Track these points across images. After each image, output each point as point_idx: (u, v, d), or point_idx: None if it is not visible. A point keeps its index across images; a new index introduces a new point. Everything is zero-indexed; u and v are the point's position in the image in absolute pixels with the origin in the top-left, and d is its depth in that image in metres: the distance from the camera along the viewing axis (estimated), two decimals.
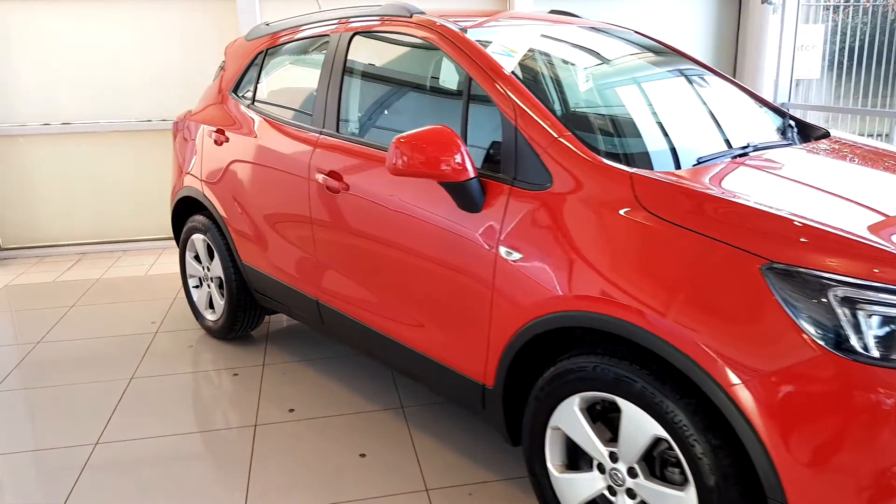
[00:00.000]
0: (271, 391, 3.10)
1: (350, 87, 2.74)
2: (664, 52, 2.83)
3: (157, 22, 5.30)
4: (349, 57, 2.75)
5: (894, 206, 1.81)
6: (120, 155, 5.47)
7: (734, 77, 6.15)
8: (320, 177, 2.67)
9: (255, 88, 3.27)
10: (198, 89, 5.39)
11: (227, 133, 3.28)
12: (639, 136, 2.25)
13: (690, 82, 2.69)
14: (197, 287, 3.80)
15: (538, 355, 2.06)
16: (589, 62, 2.61)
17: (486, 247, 2.05)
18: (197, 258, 3.72)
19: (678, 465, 1.76)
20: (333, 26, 2.88)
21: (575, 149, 1.94)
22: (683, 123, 2.38)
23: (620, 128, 2.25)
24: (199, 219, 3.56)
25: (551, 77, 2.39)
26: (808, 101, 6.30)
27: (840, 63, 6.72)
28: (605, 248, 1.79)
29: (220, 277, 3.51)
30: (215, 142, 3.35)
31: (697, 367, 1.60)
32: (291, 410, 2.92)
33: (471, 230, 2.10)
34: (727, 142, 2.31)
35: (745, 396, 1.54)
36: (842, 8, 6.73)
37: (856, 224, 1.64)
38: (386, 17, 2.64)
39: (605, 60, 2.65)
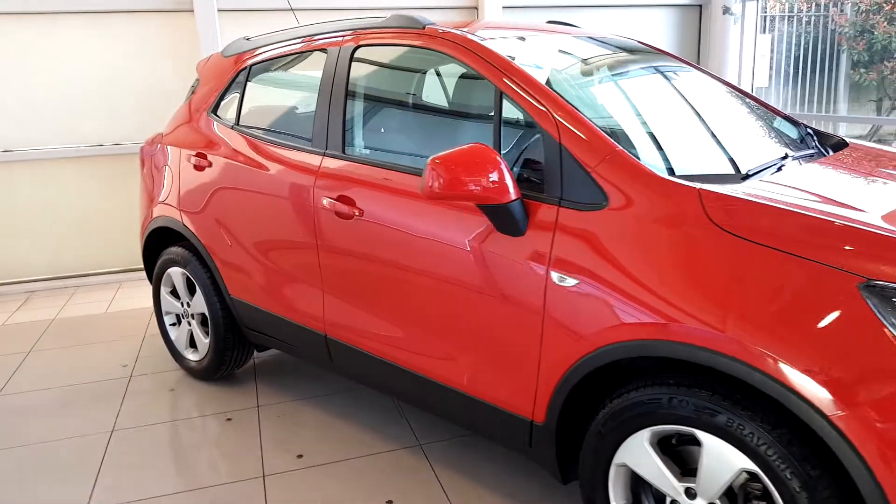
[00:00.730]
0: (273, 436, 2.85)
1: (355, 105, 2.56)
2: (677, 64, 2.76)
3: (107, 39, 4.97)
4: (352, 72, 2.57)
5: None
6: (69, 183, 5.09)
7: None
8: (327, 201, 2.47)
9: (240, 108, 3.04)
10: (154, 111, 5.11)
11: (209, 157, 3.04)
12: (683, 150, 2.15)
13: (713, 95, 2.62)
14: (174, 325, 3.52)
15: (589, 387, 1.93)
16: (615, 74, 2.51)
17: (535, 273, 1.90)
18: (174, 293, 3.44)
19: (764, 497, 1.64)
20: (330, 40, 2.69)
21: (631, 166, 1.81)
22: (722, 137, 2.29)
23: (661, 142, 2.15)
24: (176, 251, 3.29)
25: (582, 91, 2.27)
26: None
27: (786, 71, 6.93)
28: (677, 269, 1.67)
29: (202, 314, 3.24)
30: (195, 167, 3.10)
31: (795, 394, 1.49)
32: (300, 456, 2.69)
33: (514, 255, 1.95)
34: (765, 154, 2.24)
35: (850, 424, 1.43)
36: (786, 19, 6.94)
37: None
38: (393, 30, 2.47)
39: (626, 72, 2.55)
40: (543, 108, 1.98)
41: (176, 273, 3.33)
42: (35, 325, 4.32)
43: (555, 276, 1.86)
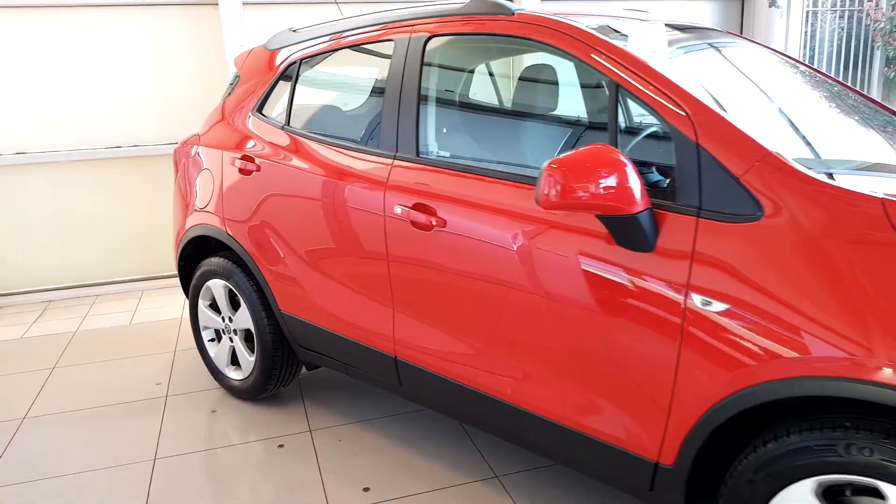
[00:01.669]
0: (332, 465, 2.60)
1: (431, 103, 2.30)
2: (777, 56, 2.51)
3: (124, 34, 4.70)
4: (425, 66, 2.31)
5: None
6: (86, 187, 4.82)
7: None
8: (400, 210, 2.22)
9: (290, 107, 2.78)
10: (176, 110, 4.84)
11: (256, 160, 2.78)
12: (817, 152, 1.90)
13: (824, 90, 2.37)
14: (213, 341, 3.26)
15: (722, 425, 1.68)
16: (728, 68, 2.25)
17: (669, 295, 1.65)
18: (213, 307, 3.18)
19: None
20: (396, 30, 2.43)
21: (791, 172, 1.56)
22: (850, 136, 2.04)
23: (794, 143, 1.89)
24: (217, 262, 3.03)
25: (706, 86, 2.01)
26: None
27: (818, 67, 6.69)
28: (860, 293, 1.42)
29: (247, 329, 2.99)
30: (241, 171, 2.84)
31: None
32: (366, 489, 2.44)
33: (641, 274, 1.69)
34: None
35: None
36: (819, 13, 6.70)
37: None
38: (475, 17, 2.21)
39: (738, 66, 2.29)
40: (675, 105, 1.72)
41: (217, 286, 3.07)
42: (56, 339, 4.05)
43: (697, 299, 1.61)
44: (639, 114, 1.86)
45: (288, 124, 2.77)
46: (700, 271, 1.61)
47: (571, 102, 2.20)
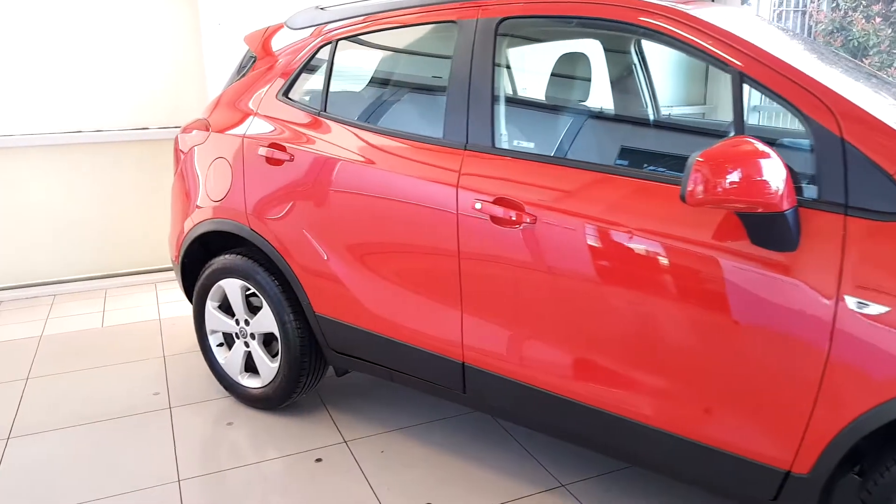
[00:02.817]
0: (383, 479, 2.41)
1: (507, 90, 2.14)
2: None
3: (86, 6, 4.26)
4: (498, 49, 2.15)
5: None
6: (41, 175, 4.35)
7: None
8: (480, 205, 2.05)
9: (327, 91, 2.55)
10: (145, 91, 4.44)
11: (289, 149, 2.53)
12: None
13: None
14: (222, 346, 2.98)
15: None
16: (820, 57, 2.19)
17: (817, 296, 1.57)
18: (224, 309, 2.91)
19: None
20: (460, 10, 2.25)
21: None
22: None
23: None
24: (232, 260, 2.76)
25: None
26: None
27: None
28: None
29: (268, 333, 2.75)
30: (268, 160, 2.59)
31: None
32: None
33: (784, 275, 1.61)
34: None
35: None
36: (783, 14, 6.93)
37: None
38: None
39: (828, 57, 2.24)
40: (814, 98, 1.64)
41: (232, 286, 2.80)
42: (20, 345, 3.63)
43: (851, 301, 1.53)
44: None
45: (325, 110, 2.53)
46: (852, 272, 1.53)
47: (681, 89, 2.09)
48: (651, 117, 2.29)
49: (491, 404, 2.24)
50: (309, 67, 2.63)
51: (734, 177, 1.52)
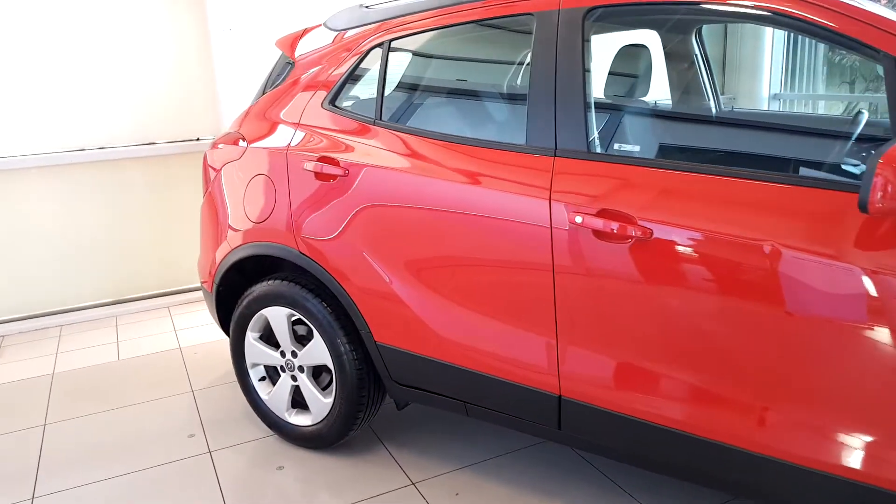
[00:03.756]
0: None
1: (605, 89, 1.90)
2: None
3: (86, 17, 3.97)
4: (589, 46, 1.91)
5: None
6: (42, 198, 4.05)
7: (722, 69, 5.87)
8: (581, 219, 1.81)
9: (381, 97, 2.30)
10: (151, 105, 4.16)
11: (342, 163, 2.28)
12: None
13: None
14: (264, 380, 2.72)
15: None
16: None
17: None
18: (267, 340, 2.64)
19: None
20: (536, 2, 2.01)
21: None
22: None
23: None
24: (277, 286, 2.50)
25: None
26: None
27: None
28: None
29: (320, 366, 2.49)
30: (318, 175, 2.33)
31: None
32: None
33: None
34: None
35: None
36: None
37: None
38: None
39: None
40: None
41: (277, 315, 2.54)
42: (31, 385, 3.34)
43: None
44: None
45: (380, 118, 2.28)
46: None
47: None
48: (760, 115, 2.07)
49: (591, 441, 2.00)
50: (358, 72, 2.38)
51: None
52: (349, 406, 2.44)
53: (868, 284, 1.47)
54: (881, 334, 1.47)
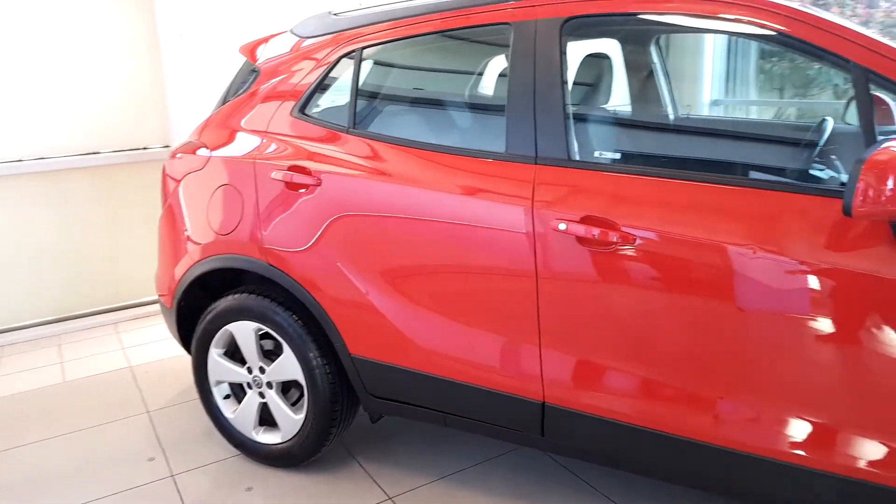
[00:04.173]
0: None
1: (584, 97, 1.92)
2: None
3: (24, 20, 3.77)
4: (564, 52, 1.93)
5: None
6: None
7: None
8: (564, 226, 1.82)
9: (355, 105, 2.26)
10: (94, 112, 3.98)
11: (314, 172, 2.23)
12: None
13: None
14: (229, 398, 2.62)
15: None
16: None
17: None
18: (231, 356, 2.55)
19: None
20: (511, 11, 2.02)
21: None
22: None
23: None
24: (243, 300, 2.42)
25: None
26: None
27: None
28: None
29: (287, 381, 2.42)
30: (289, 185, 2.27)
31: None
32: None
33: None
34: None
35: None
36: None
37: None
38: None
39: None
40: None
41: (243, 329, 2.45)
42: None
43: None
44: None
45: (354, 126, 2.24)
46: None
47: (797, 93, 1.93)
48: (722, 122, 2.13)
49: (577, 446, 2.01)
50: (329, 80, 2.34)
51: None
52: (322, 421, 2.38)
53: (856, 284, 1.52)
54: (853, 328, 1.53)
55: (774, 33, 1.68)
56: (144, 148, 4.15)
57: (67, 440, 2.81)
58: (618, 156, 1.92)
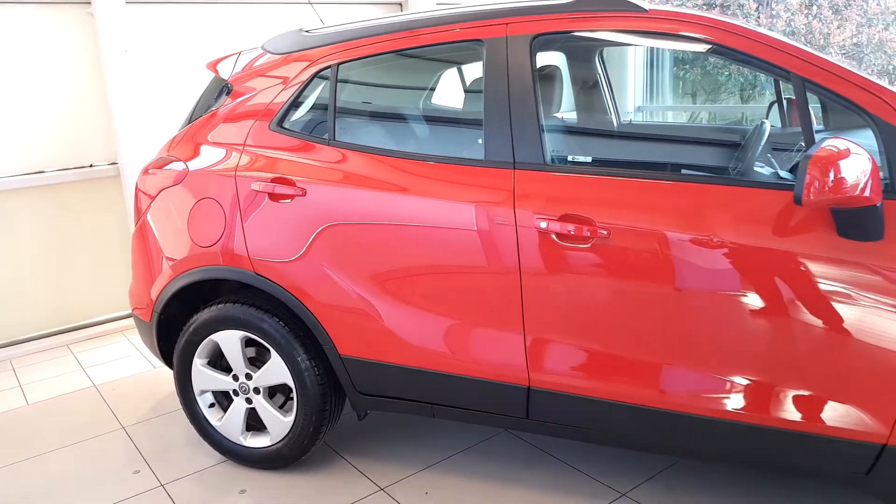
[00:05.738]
0: None
1: (554, 106, 2.12)
2: None
3: None
4: (537, 66, 2.12)
5: None
6: None
7: None
8: (545, 224, 2.02)
9: (334, 118, 2.38)
10: (36, 130, 3.91)
11: (298, 183, 2.34)
12: None
13: None
14: (214, 406, 2.68)
15: None
16: None
17: None
18: (217, 365, 2.62)
19: None
20: (483, 28, 2.20)
21: None
22: None
23: None
24: (227, 309, 2.49)
25: None
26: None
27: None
28: None
29: (275, 385, 2.51)
30: (272, 196, 2.37)
31: None
32: None
33: (871, 262, 1.73)
34: None
35: None
36: None
37: None
38: (603, 14, 2.08)
39: None
40: (876, 97, 1.78)
41: (229, 338, 2.52)
42: None
43: None
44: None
45: (335, 138, 2.37)
46: None
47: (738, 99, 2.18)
48: (666, 127, 2.38)
49: (558, 426, 2.20)
50: (305, 94, 2.45)
51: (841, 176, 1.61)
52: (313, 422, 2.48)
53: (801, 265, 1.78)
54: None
55: (725, 48, 1.91)
56: (91, 165, 4.10)
57: (45, 460, 2.79)
58: (588, 159, 2.13)
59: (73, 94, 3.99)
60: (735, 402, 1.93)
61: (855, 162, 1.62)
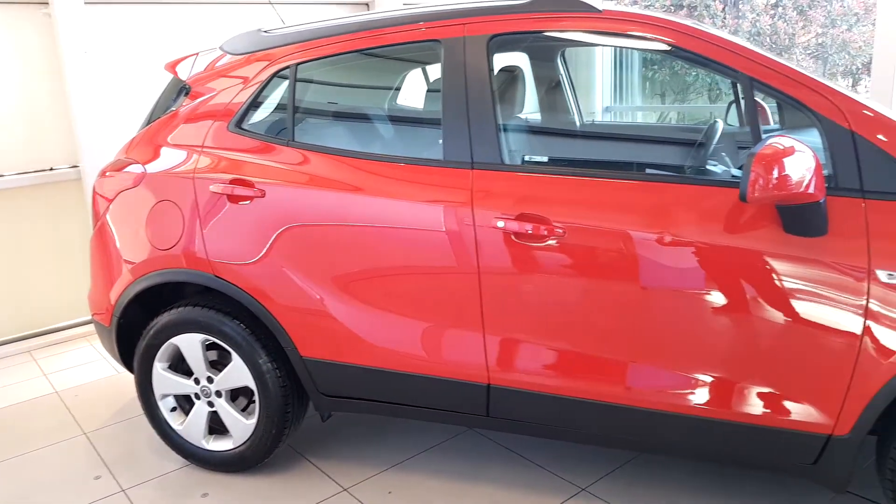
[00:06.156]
0: None
1: (511, 106, 2.14)
2: None
3: None
4: (495, 67, 2.14)
5: None
6: None
7: None
8: (502, 223, 2.03)
9: (293, 118, 2.37)
10: (3, 131, 3.83)
11: (257, 184, 2.33)
12: None
13: None
14: (175, 410, 2.66)
15: None
16: None
17: (852, 272, 1.75)
18: (178, 369, 2.60)
19: None
20: (440, 29, 2.21)
21: None
22: None
23: None
24: (187, 312, 2.47)
25: None
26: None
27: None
28: None
29: (240, 388, 2.50)
30: (231, 198, 2.36)
31: None
32: None
33: (816, 257, 1.77)
34: None
35: None
36: None
37: None
38: (551, 15, 2.10)
39: None
40: (821, 97, 1.82)
41: (189, 342, 2.50)
42: None
43: (882, 274, 1.72)
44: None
45: (293, 139, 2.36)
46: (878, 248, 1.73)
47: (682, 96, 2.21)
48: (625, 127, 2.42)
49: (518, 421, 2.22)
50: (264, 95, 2.44)
51: (785, 173, 1.65)
52: (275, 424, 2.47)
53: (752, 261, 1.82)
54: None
55: (680, 50, 1.95)
56: (51, 169, 4.03)
57: (5, 469, 2.74)
58: (544, 159, 2.15)
59: (31, 97, 3.92)
60: (689, 396, 1.97)
61: (799, 159, 1.66)
